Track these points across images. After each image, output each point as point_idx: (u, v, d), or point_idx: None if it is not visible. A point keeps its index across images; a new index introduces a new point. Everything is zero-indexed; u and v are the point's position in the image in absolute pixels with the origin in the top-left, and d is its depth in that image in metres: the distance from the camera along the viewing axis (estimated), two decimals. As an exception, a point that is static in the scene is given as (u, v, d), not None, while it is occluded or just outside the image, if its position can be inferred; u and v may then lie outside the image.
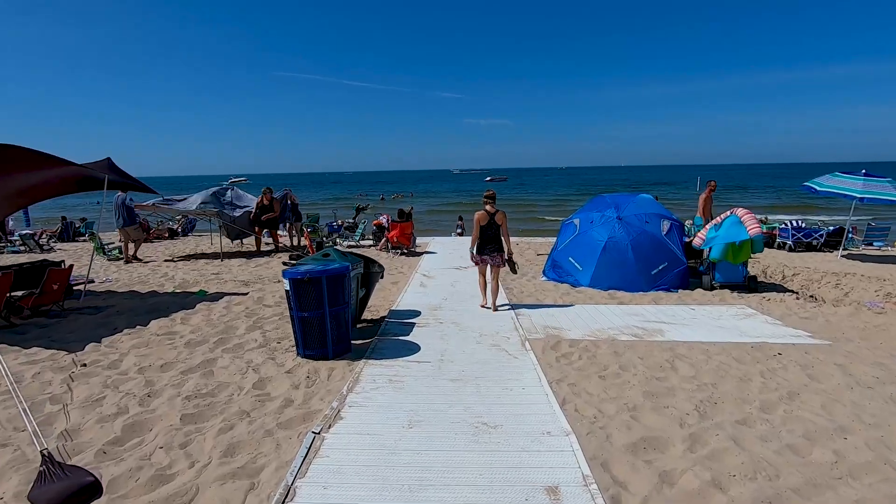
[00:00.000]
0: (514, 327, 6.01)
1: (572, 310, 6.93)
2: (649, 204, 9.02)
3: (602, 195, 9.78)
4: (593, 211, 9.05)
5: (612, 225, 8.57)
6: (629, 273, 8.21)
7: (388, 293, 8.20)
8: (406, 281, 9.05)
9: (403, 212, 12.39)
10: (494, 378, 4.41)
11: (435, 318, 6.43)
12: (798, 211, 29.75)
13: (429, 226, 24.32)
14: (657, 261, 8.26)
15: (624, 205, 8.87)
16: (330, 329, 4.76)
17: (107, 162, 7.47)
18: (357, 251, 12.61)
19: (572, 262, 8.75)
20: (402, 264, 10.98)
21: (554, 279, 8.95)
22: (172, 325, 6.27)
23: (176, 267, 10.90)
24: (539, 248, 13.31)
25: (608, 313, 6.71)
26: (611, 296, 7.88)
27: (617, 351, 5.08)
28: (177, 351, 5.22)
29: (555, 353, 5.06)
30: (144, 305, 7.33)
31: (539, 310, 6.93)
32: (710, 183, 11.12)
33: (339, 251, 5.68)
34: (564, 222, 9.51)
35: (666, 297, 7.75)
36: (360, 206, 15.06)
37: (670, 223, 8.66)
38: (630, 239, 8.35)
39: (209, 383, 4.34)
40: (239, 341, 5.54)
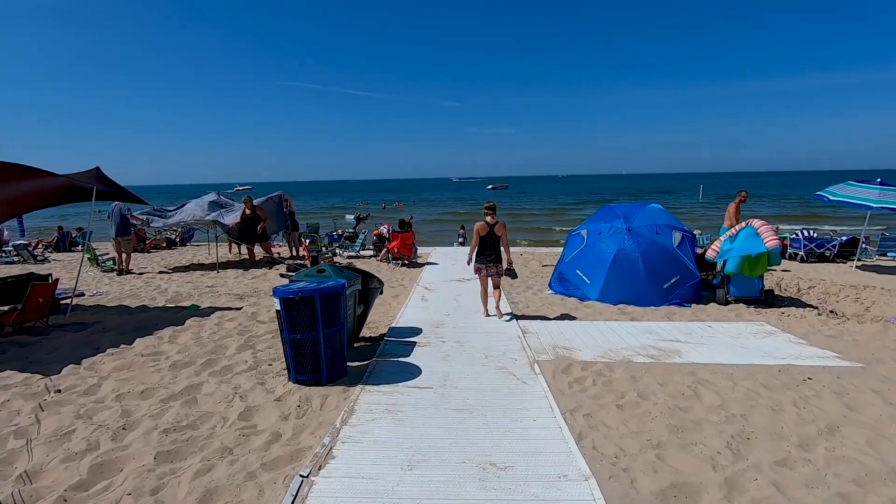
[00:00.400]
0: (522, 347, 5.62)
1: (582, 326, 6.55)
2: (659, 214, 8.65)
3: (610, 205, 9.42)
4: (601, 222, 8.68)
5: (622, 236, 8.20)
6: (640, 287, 7.83)
7: (388, 308, 7.82)
8: (407, 294, 8.68)
9: (404, 221, 12.04)
10: (502, 407, 4.02)
11: (437, 337, 6.05)
12: (803, 220, 29.35)
13: (429, 236, 23.99)
14: (669, 274, 7.87)
15: (633, 215, 8.50)
16: (324, 353, 4.39)
17: (95, 172, 7.14)
18: (357, 262, 12.33)
19: (580, 275, 8.37)
20: (402, 276, 10.61)
21: (561, 293, 8.57)
22: (159, 344, 5.89)
23: (170, 279, 10.55)
24: (543, 259, 12.93)
25: (620, 331, 6.32)
26: (621, 311, 7.50)
27: (634, 375, 4.68)
28: (160, 374, 4.84)
29: (566, 378, 4.67)
30: (133, 321, 6.96)
31: (547, 326, 6.55)
32: (740, 193, 10.33)
33: (334, 266, 5.31)
34: (571, 233, 9.14)
35: (679, 313, 7.35)
36: (360, 215, 14.72)
37: (682, 234, 8.29)
38: (640, 251, 7.97)
39: (191, 413, 3.96)
40: (228, 363, 5.16)
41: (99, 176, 7.14)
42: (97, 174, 7.12)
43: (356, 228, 14.40)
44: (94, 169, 7.14)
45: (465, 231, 18.17)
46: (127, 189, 7.66)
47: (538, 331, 6.34)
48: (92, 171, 7.12)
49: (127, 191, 7.70)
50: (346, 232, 15.01)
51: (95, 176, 7.08)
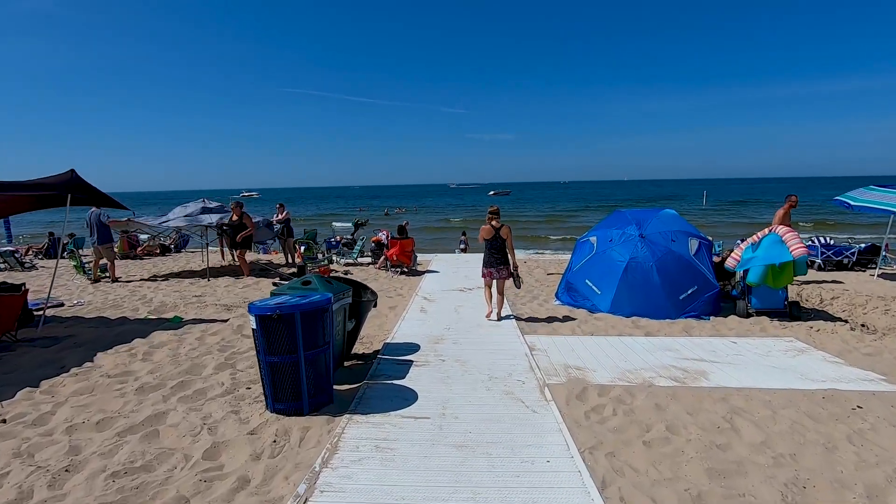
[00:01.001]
0: (530, 367, 5.04)
1: (594, 342, 5.97)
2: (674, 220, 8.08)
3: (620, 210, 8.85)
4: (612, 228, 8.12)
5: (634, 244, 7.63)
6: (655, 298, 7.25)
7: (384, 320, 7.26)
8: (405, 305, 8.11)
9: (403, 228, 11.49)
10: (510, 444, 3.44)
11: (436, 354, 5.47)
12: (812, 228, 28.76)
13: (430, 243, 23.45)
14: (686, 284, 7.30)
15: (646, 221, 7.94)
16: (305, 378, 3.82)
17: (70, 175, 6.62)
18: (354, 269, 11.78)
19: (589, 284, 7.80)
20: (401, 285, 10.05)
21: (569, 303, 8.00)
22: (131, 361, 5.33)
23: (158, 287, 10.00)
24: (548, 267, 12.36)
25: (637, 347, 5.74)
26: (635, 324, 6.92)
27: (658, 402, 4.10)
28: (124, 400, 4.27)
29: (582, 406, 4.09)
30: (109, 335, 6.40)
31: (556, 342, 5.98)
32: (789, 197, 9.36)
33: (321, 277, 4.75)
34: (579, 241, 8.58)
35: (698, 327, 6.77)
36: (358, 221, 14.18)
37: (699, 242, 7.72)
38: (655, 259, 7.40)
39: (149, 450, 3.39)
40: (202, 385, 4.59)
41: (73, 179, 6.61)
42: (71, 177, 6.59)
43: (354, 235, 13.85)
44: (68, 172, 6.61)
45: (467, 238, 17.63)
46: (104, 193, 7.12)
47: (546, 347, 5.76)
48: (65, 175, 6.59)
49: (104, 195, 7.17)
50: (344, 238, 14.46)
51: (69, 180, 6.55)
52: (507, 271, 6.85)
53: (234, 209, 10.73)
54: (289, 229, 13.57)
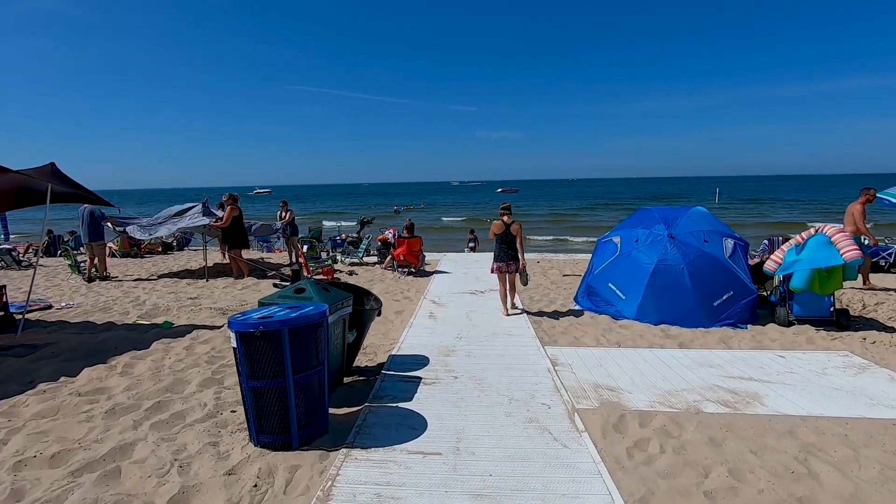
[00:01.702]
0: (555, 386, 4.40)
1: (624, 355, 5.31)
2: (706, 219, 7.38)
3: (646, 208, 8.15)
4: (637, 227, 7.43)
5: (663, 244, 6.95)
6: (686, 304, 6.57)
7: (389, 327, 6.64)
8: (412, 310, 7.49)
9: (411, 226, 10.86)
10: (541, 494, 2.79)
11: (447, 369, 4.85)
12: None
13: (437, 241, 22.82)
14: (721, 289, 6.61)
15: (675, 220, 7.24)
16: (295, 406, 3.21)
17: (50, 168, 6.06)
18: (360, 269, 11.15)
19: (613, 288, 7.13)
20: (408, 287, 9.43)
21: (590, 309, 7.33)
22: (108, 375, 4.76)
23: (153, 288, 9.47)
24: (563, 267, 11.68)
25: (672, 362, 5.08)
26: (665, 333, 6.25)
27: (713, 437, 3.44)
28: (89, 425, 3.69)
29: (621, 439, 3.44)
30: (91, 343, 5.85)
31: (580, 355, 5.32)
32: (866, 191, 8.25)
33: (317, 284, 4.13)
34: (601, 240, 7.90)
35: (736, 337, 6.09)
36: (364, 218, 13.57)
37: (734, 242, 7.01)
38: (686, 262, 6.71)
39: (103, 497, 2.79)
40: (181, 407, 3.99)
41: (55, 173, 6.05)
42: (52, 171, 6.03)
43: (360, 233, 13.25)
44: (48, 165, 6.05)
45: (476, 236, 16.99)
46: (86, 188, 6.55)
47: (571, 361, 5.11)
48: (46, 168, 6.03)
49: (87, 190, 6.60)
50: (349, 236, 13.87)
51: (50, 172, 5.99)
52: (517, 266, 6.92)
53: (229, 202, 9.96)
54: (293, 227, 13.01)
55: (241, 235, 9.94)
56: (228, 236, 9.85)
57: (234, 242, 9.87)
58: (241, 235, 9.93)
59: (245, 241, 9.98)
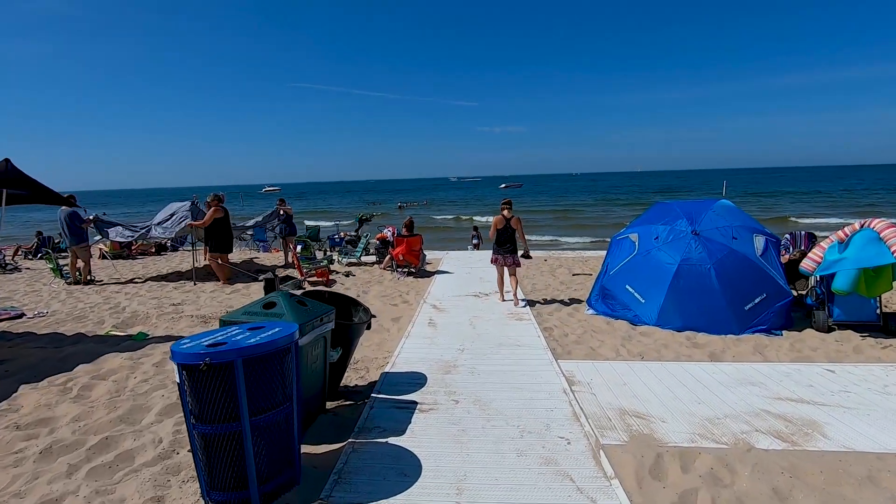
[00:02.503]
0: (573, 412, 3.72)
1: (649, 371, 4.63)
2: (733, 213, 6.67)
3: (665, 202, 7.43)
4: (657, 223, 6.72)
5: (686, 242, 6.24)
6: (713, 308, 5.87)
7: (384, 337, 5.98)
8: (411, 316, 6.82)
9: (411, 223, 10.19)
10: (566, 577, 2.14)
11: (448, 391, 4.18)
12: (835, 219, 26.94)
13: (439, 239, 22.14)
14: (752, 292, 5.90)
15: (699, 214, 6.53)
16: (254, 455, 2.55)
17: (5, 166, 5.41)
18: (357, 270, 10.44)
19: (630, 291, 6.44)
20: (408, 289, 8.76)
21: (605, 313, 6.64)
22: (59, 401, 4.11)
23: (137, 293, 8.84)
24: (573, 266, 10.98)
25: (707, 379, 4.39)
26: (691, 341, 5.57)
27: (777, 487, 2.74)
28: (14, 472, 3.04)
29: (662, 489, 2.76)
30: (53, 358, 5.22)
31: (600, 370, 4.65)
32: None
33: (291, 297, 3.46)
34: (616, 238, 7.19)
35: (772, 345, 5.40)
36: (363, 216, 12.90)
37: (765, 239, 6.30)
38: (713, 261, 6.01)
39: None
40: (132, 444, 3.34)
41: (9, 171, 5.40)
42: (7, 169, 5.38)
43: (358, 231, 12.58)
44: (2, 162, 5.41)
45: (479, 233, 16.31)
46: (46, 187, 5.90)
47: (590, 379, 4.44)
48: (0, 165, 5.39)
49: (46, 189, 5.96)
50: (348, 235, 13.21)
51: (3, 172, 5.35)
52: (515, 259, 7.17)
53: (212, 202, 9.16)
54: (290, 226, 12.37)
55: (224, 238, 9.18)
56: (210, 238, 9.18)
57: (215, 245, 9.16)
58: (223, 238, 9.17)
59: (227, 244, 9.23)
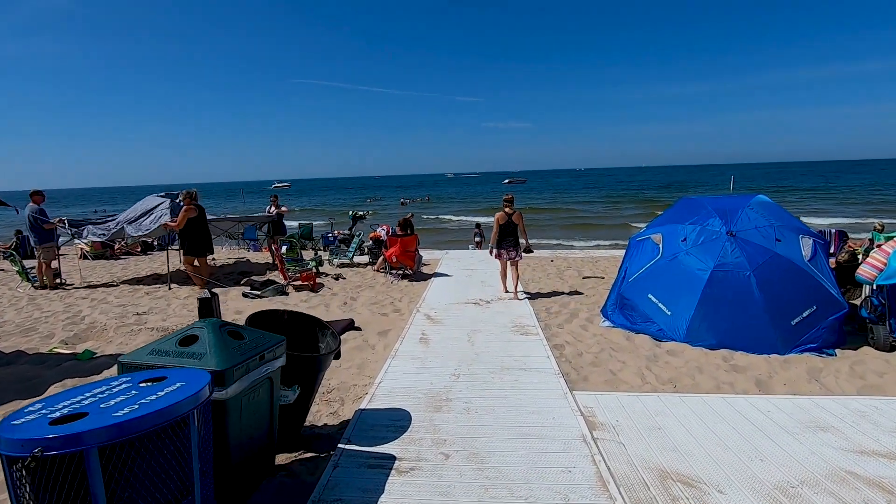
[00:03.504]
0: (598, 475, 2.81)
1: (687, 406, 3.71)
2: (773, 210, 5.71)
3: (693, 197, 6.46)
4: (684, 222, 5.78)
5: (721, 245, 5.30)
6: (754, 323, 4.94)
7: (368, 356, 5.09)
8: (401, 329, 5.92)
9: (407, 222, 9.27)
10: None
11: (435, 440, 3.26)
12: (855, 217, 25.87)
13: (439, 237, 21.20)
14: (800, 303, 4.96)
15: (734, 212, 5.58)
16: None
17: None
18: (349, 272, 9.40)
19: (654, 301, 5.51)
20: (401, 295, 7.86)
21: (624, 326, 5.72)
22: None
23: (105, 299, 7.98)
24: (582, 267, 10.04)
25: (762, 421, 3.47)
26: (729, 363, 4.65)
27: None
28: None
29: None
30: (-27, 386, 4.38)
31: (625, 405, 3.73)
32: None
33: (222, 327, 2.54)
34: (635, 239, 6.25)
35: (827, 368, 4.47)
36: (357, 213, 12.01)
37: (812, 241, 5.36)
38: (753, 267, 5.07)
39: None
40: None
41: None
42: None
43: (352, 229, 11.70)
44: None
45: (482, 230, 15.40)
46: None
47: (615, 420, 3.52)
48: None
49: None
50: (341, 234, 12.33)
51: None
52: (517, 252, 7.21)
53: (187, 200, 8.28)
54: (277, 226, 11.50)
55: (199, 240, 8.25)
56: (184, 240, 8.28)
57: (189, 248, 8.25)
58: (198, 240, 8.24)
59: (203, 246, 8.33)
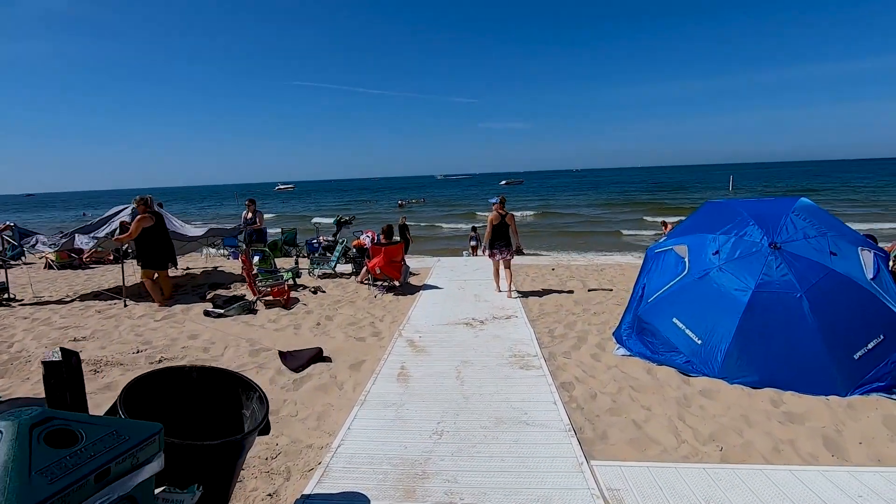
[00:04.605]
0: None
1: (745, 487, 2.73)
2: (821, 217, 4.75)
3: (721, 202, 5.48)
4: (715, 231, 4.80)
5: (763, 259, 4.34)
6: (807, 356, 3.98)
7: (331, 401, 4.10)
8: (377, 360, 4.93)
9: (392, 228, 8.29)
10: None
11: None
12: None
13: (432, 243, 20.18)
14: (864, 332, 4.01)
15: (776, 219, 4.61)
16: None
17: None
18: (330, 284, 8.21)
19: (680, 326, 4.55)
20: (384, 312, 6.88)
21: (643, 355, 4.76)
22: None
23: (47, 319, 6.95)
24: (586, 277, 9.07)
25: (853, 512, 2.52)
26: (779, 408, 3.70)
27: None
28: None
29: None
30: None
31: (662, 483, 2.76)
32: None
33: (35, 429, 1.59)
34: (654, 251, 5.27)
35: (908, 418, 3.53)
36: (341, 218, 11.05)
37: (873, 254, 4.40)
38: (805, 288, 4.11)
39: None
40: None
41: None
42: None
43: (336, 235, 10.72)
44: None
45: (478, 234, 14.42)
46: None
47: (650, 509, 2.56)
48: None
49: None
50: (326, 240, 11.34)
51: None
52: (511, 252, 7.35)
53: (140, 205, 7.20)
54: (257, 232, 10.52)
55: (157, 252, 7.26)
56: (140, 252, 7.30)
57: (146, 261, 7.26)
58: (156, 252, 7.26)
59: (161, 259, 7.34)
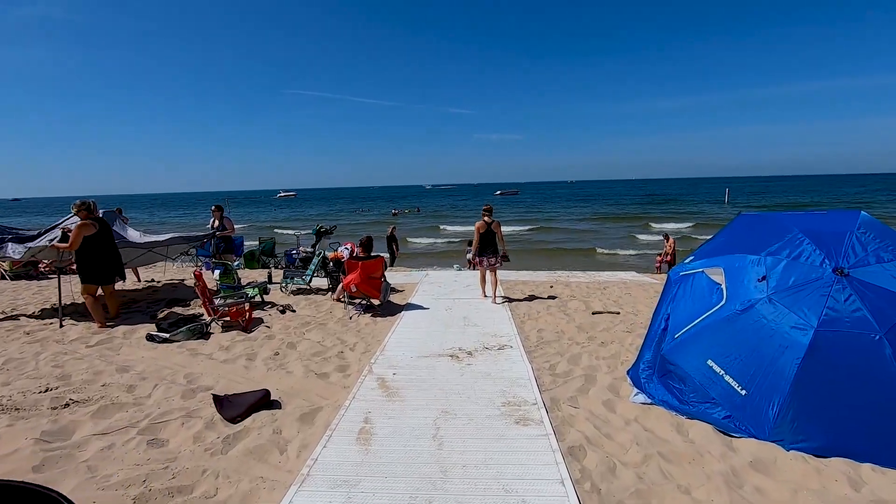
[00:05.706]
0: None
1: None
2: (891, 235, 3.82)
3: (761, 214, 4.51)
4: (759, 251, 3.84)
5: (825, 289, 3.38)
6: (889, 415, 3.03)
7: (264, 472, 3.08)
8: (336, 408, 3.92)
9: (369, 241, 7.30)
10: None
11: None
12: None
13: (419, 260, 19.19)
14: (964, 387, 3.06)
15: (838, 238, 3.67)
16: None
17: None
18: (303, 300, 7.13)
19: (718, 371, 3.57)
20: (357, 338, 5.86)
21: (668, 405, 3.78)
22: None
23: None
24: (589, 296, 8.11)
25: None
26: (858, 489, 2.74)
27: None
28: None
29: None
30: None
31: None
32: None
33: None
34: (679, 273, 4.30)
35: None
36: (321, 228, 10.07)
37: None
38: (885, 328, 3.16)
39: None
40: None
41: None
42: None
43: (315, 247, 9.72)
44: None
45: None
46: None
47: None
48: None
49: None
50: (305, 252, 10.34)
51: None
52: (497, 259, 7.47)
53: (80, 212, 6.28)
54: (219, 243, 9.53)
55: (99, 264, 6.26)
56: (80, 265, 6.29)
57: (87, 274, 6.26)
58: (99, 264, 6.26)
59: (106, 272, 6.33)
